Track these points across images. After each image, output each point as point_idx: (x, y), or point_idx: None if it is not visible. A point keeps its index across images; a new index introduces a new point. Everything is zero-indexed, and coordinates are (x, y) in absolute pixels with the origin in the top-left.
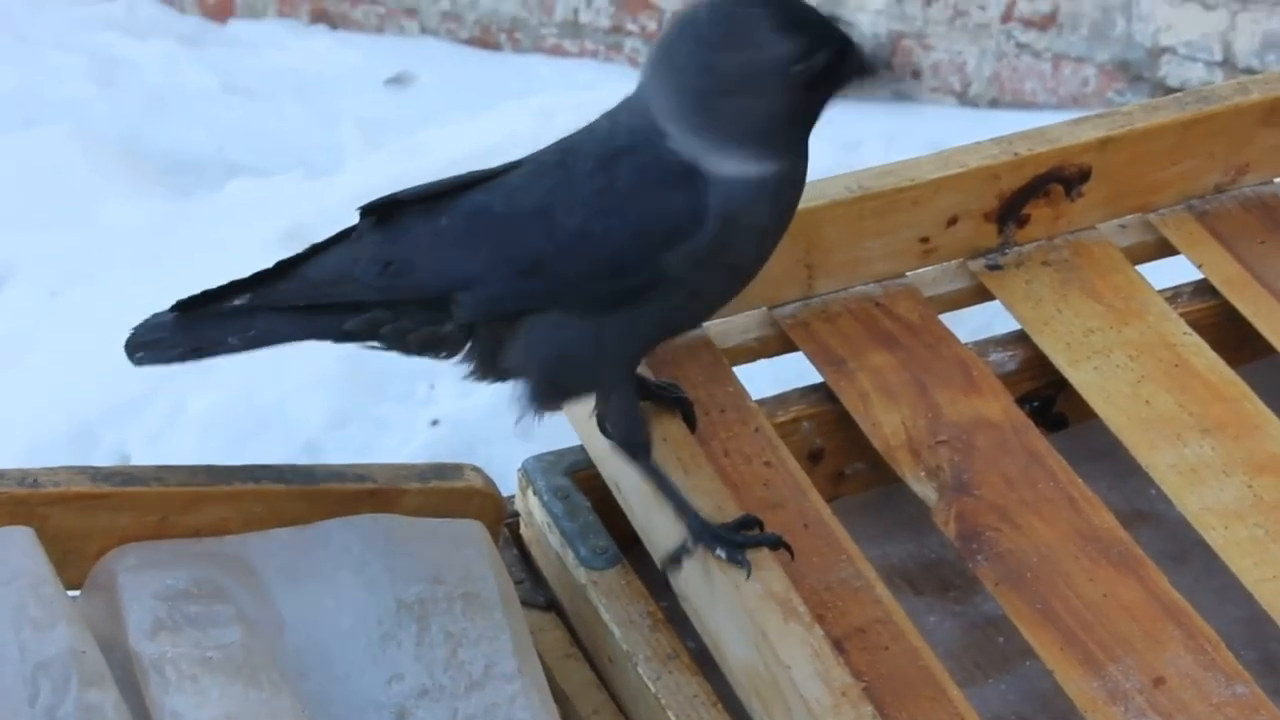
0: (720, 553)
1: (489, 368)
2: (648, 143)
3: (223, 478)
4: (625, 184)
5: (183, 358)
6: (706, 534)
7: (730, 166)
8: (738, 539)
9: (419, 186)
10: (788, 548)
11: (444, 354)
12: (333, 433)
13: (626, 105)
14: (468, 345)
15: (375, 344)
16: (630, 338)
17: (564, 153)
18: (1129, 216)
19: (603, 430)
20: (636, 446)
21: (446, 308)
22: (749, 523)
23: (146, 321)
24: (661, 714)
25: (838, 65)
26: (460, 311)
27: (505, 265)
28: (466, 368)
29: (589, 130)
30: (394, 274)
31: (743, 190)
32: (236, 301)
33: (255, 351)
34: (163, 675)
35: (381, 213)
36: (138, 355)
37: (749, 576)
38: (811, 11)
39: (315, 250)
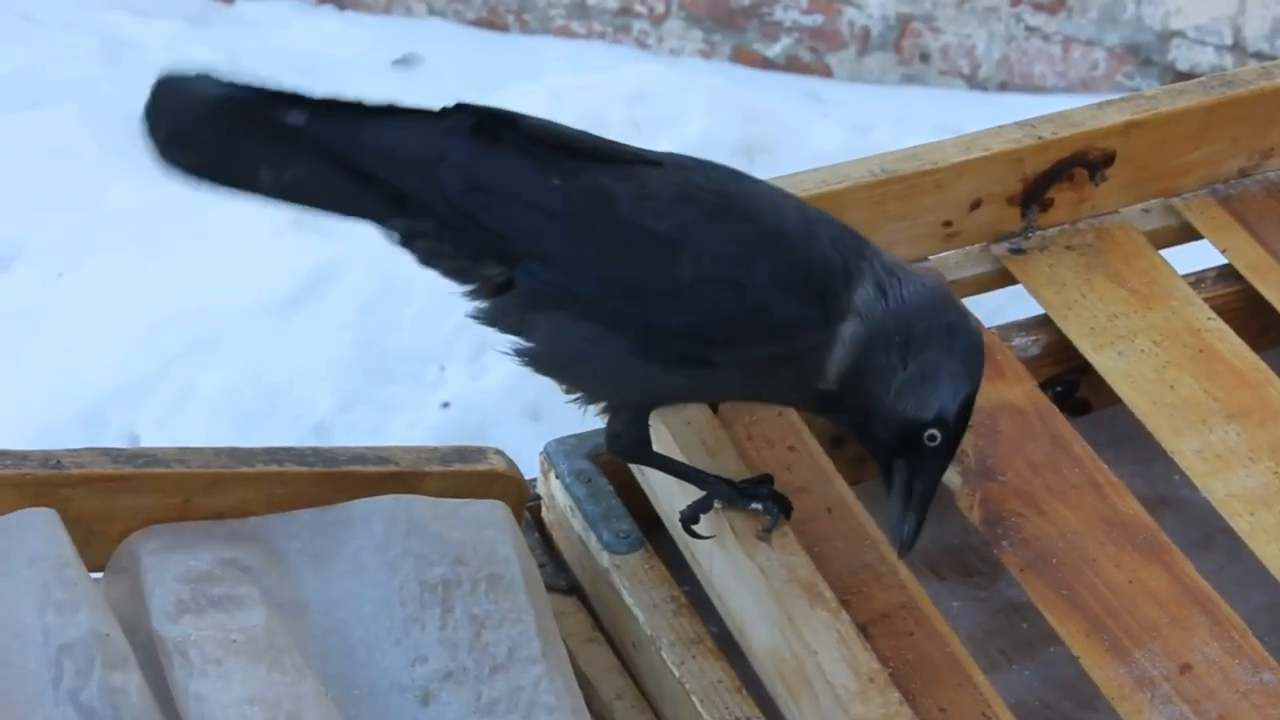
0: (755, 505)
1: (506, 320)
2: (826, 279)
3: (245, 460)
4: (768, 272)
5: (207, 171)
6: (732, 492)
7: (841, 349)
8: (761, 491)
9: (539, 122)
10: (787, 512)
11: (464, 285)
12: (342, 414)
13: (836, 232)
14: (497, 295)
15: (398, 241)
16: (659, 387)
17: (729, 197)
18: (1153, 201)
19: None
20: (631, 457)
21: (507, 261)
22: (763, 480)
23: (181, 84)
24: (685, 699)
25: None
26: (525, 279)
27: (597, 269)
28: (477, 304)
29: (770, 199)
30: (477, 203)
31: (817, 347)
32: (291, 118)
33: (280, 202)
34: (186, 658)
35: (486, 123)
36: (163, 138)
37: (774, 527)
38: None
39: (394, 111)
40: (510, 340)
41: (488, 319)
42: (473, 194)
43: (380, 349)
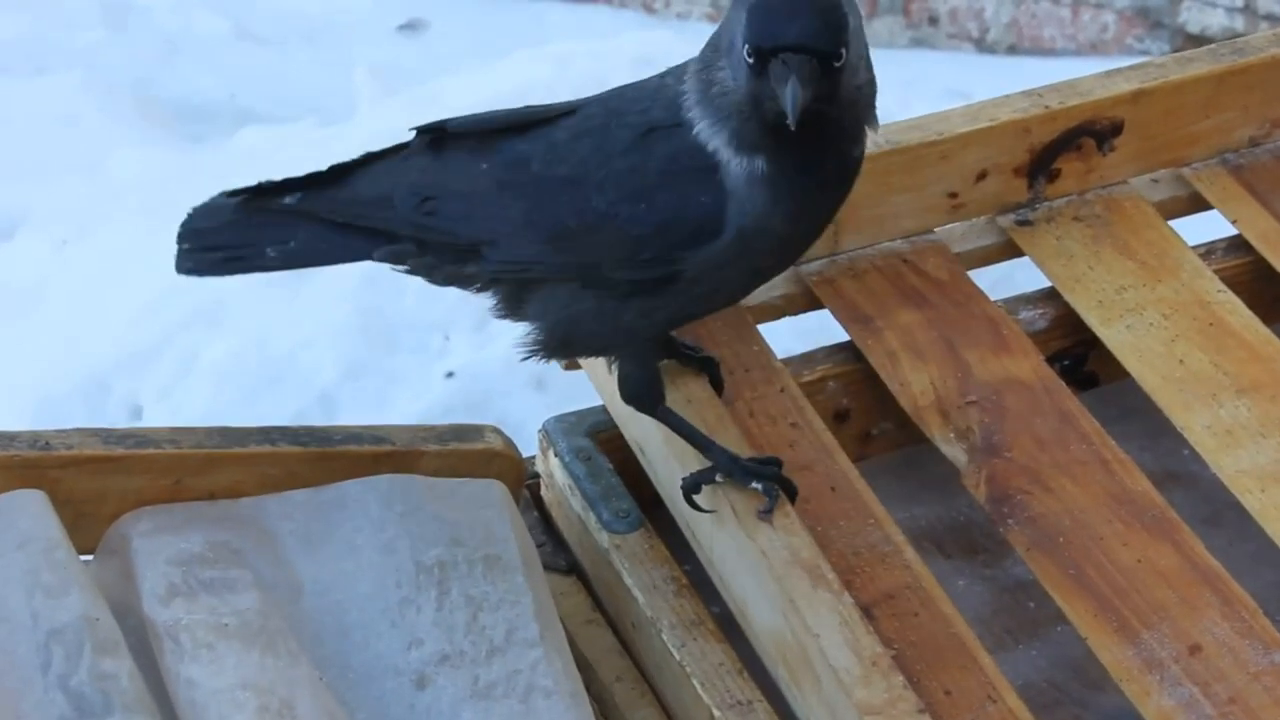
0: (755, 485)
1: (511, 311)
2: (678, 115)
3: (238, 440)
4: (655, 172)
5: (219, 266)
6: (735, 466)
7: (746, 170)
8: (766, 472)
9: (474, 116)
10: (790, 495)
11: (473, 289)
12: (346, 384)
13: (680, 68)
14: (495, 288)
15: (401, 269)
16: (645, 320)
17: (609, 113)
18: (1162, 171)
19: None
20: (645, 403)
21: (473, 256)
22: (771, 461)
23: (207, 203)
24: (686, 682)
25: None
26: (485, 265)
27: (531, 230)
28: (492, 305)
29: (639, 89)
30: (428, 211)
31: (759, 199)
32: (287, 200)
33: (290, 270)
34: (177, 643)
35: (435, 136)
36: (185, 248)
37: (773, 509)
38: (790, 6)
39: (369, 159)
40: (523, 334)
41: (503, 315)
42: (423, 205)
43: (384, 318)
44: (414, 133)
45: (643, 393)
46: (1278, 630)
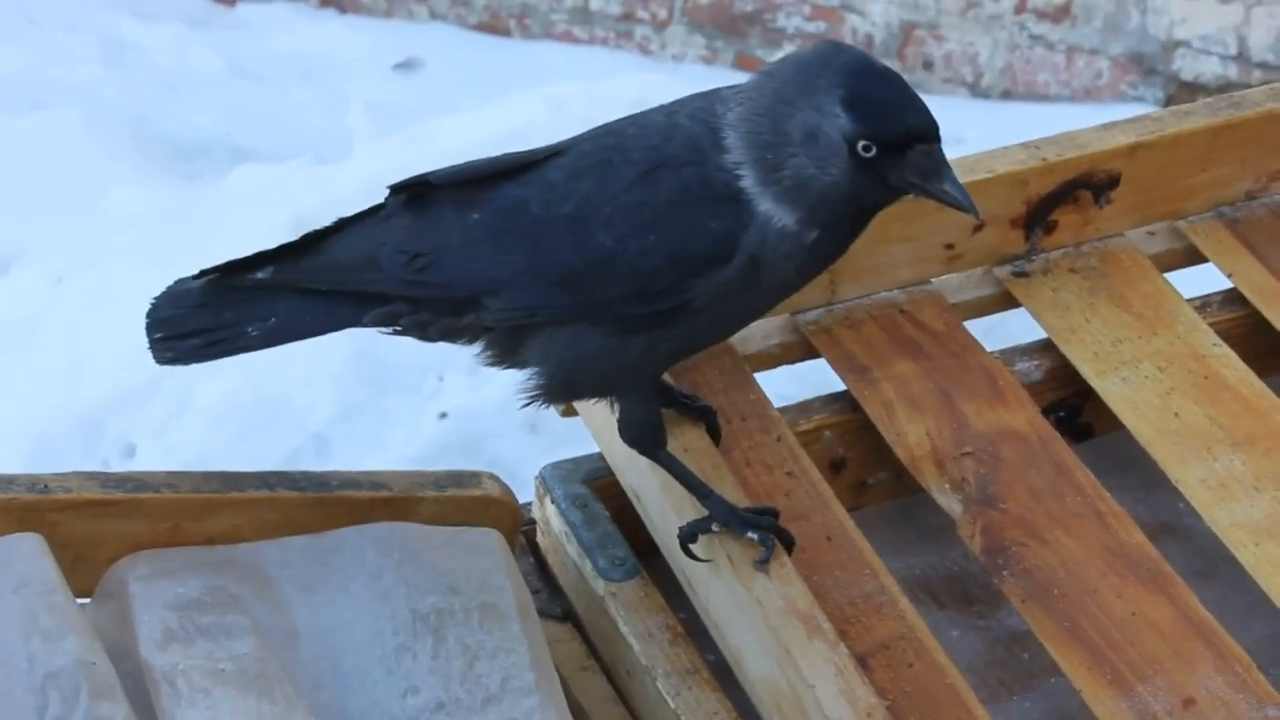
0: (751, 535)
1: (506, 358)
2: (699, 154)
3: (235, 484)
4: (666, 201)
5: (200, 352)
6: (732, 516)
7: (772, 211)
8: (763, 522)
9: (454, 168)
10: (787, 545)
11: (464, 342)
12: (340, 424)
13: (692, 106)
14: (488, 337)
15: (390, 330)
16: (649, 355)
17: (608, 150)
18: (1158, 224)
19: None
20: (647, 446)
21: (471, 306)
22: (768, 511)
23: (170, 290)
24: None
25: (901, 161)
26: (487, 315)
27: (535, 275)
28: (483, 355)
29: (639, 126)
30: (420, 268)
31: (777, 238)
32: (260, 275)
33: (276, 346)
34: (174, 687)
35: (412, 193)
36: (158, 338)
37: (769, 559)
38: (896, 96)
39: (343, 224)
40: (521, 381)
41: (495, 363)
42: (413, 262)
43: (378, 359)
44: (389, 192)
45: (645, 435)
46: (1271, 684)
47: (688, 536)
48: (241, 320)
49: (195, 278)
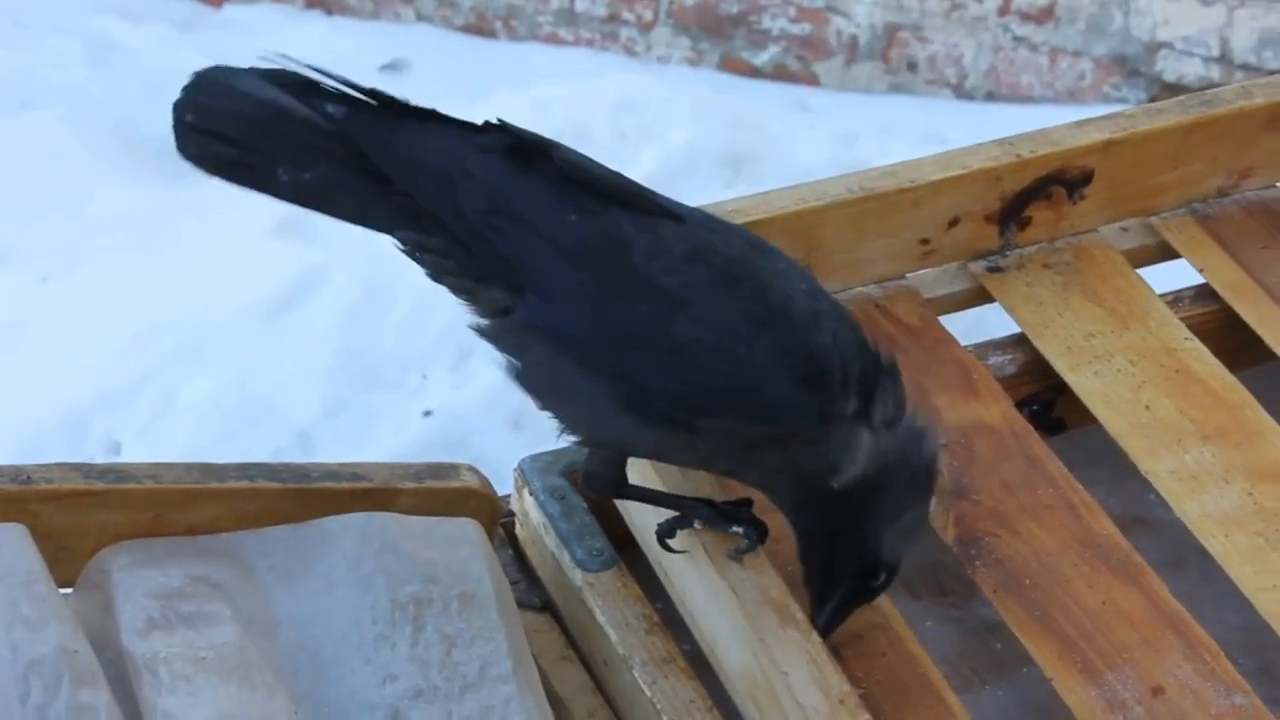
0: (736, 529)
1: (500, 342)
2: (811, 348)
3: (217, 475)
4: (768, 345)
5: (225, 169)
6: (714, 515)
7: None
8: (741, 514)
9: (574, 152)
10: (762, 537)
11: (467, 304)
12: (325, 422)
13: (841, 326)
14: (501, 320)
15: (407, 253)
16: (632, 437)
17: (735, 262)
18: (1131, 220)
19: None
20: (609, 492)
21: (511, 290)
22: (743, 502)
23: (214, 74)
24: (657, 718)
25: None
26: (524, 311)
27: (596, 312)
28: (478, 321)
29: (773, 260)
30: (493, 225)
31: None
32: (329, 108)
33: (294, 205)
34: (155, 675)
35: (521, 146)
36: (188, 121)
37: (751, 547)
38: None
39: (430, 117)
40: (505, 357)
41: (486, 337)
42: (491, 216)
43: (363, 356)
44: (497, 123)
45: (607, 487)
46: (1239, 672)
47: (666, 533)
48: (279, 157)
49: (260, 73)
